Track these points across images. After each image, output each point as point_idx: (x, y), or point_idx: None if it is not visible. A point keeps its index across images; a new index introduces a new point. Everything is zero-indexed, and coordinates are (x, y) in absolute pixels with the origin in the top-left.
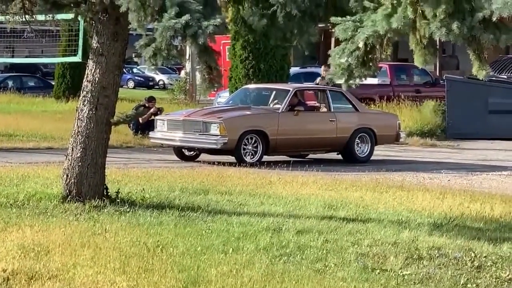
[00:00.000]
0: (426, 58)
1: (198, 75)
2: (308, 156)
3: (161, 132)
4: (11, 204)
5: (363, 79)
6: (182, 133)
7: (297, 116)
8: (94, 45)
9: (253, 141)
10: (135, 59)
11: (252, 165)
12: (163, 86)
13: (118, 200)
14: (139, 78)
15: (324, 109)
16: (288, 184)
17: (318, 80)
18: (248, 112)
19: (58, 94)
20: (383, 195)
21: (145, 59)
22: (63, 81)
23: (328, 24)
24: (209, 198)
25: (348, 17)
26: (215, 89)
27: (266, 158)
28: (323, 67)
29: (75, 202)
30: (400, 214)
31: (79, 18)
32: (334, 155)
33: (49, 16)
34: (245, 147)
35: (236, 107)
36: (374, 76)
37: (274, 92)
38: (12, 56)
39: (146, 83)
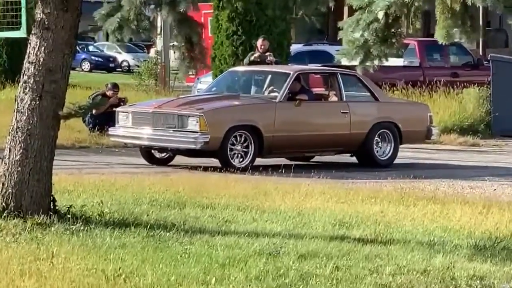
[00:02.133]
0: (449, 31)
1: (172, 55)
2: (314, 159)
3: (125, 128)
4: None
5: (384, 60)
6: (151, 129)
7: (299, 107)
8: (38, 16)
9: (242, 139)
10: (92, 34)
11: (242, 170)
12: (127, 68)
13: (69, 216)
14: (96, 59)
15: (334, 98)
16: (288, 195)
17: (254, 56)
18: (237, 102)
19: None
20: (410, 209)
21: (109, 33)
22: None
23: None
24: (186, 213)
25: None
26: (196, 71)
27: (259, 161)
28: (260, 40)
29: (13, 218)
30: (432, 233)
31: None
32: (347, 158)
33: None
34: (232, 147)
35: (221, 95)
36: (399, 56)
37: (269, 76)
38: None
39: (105, 64)
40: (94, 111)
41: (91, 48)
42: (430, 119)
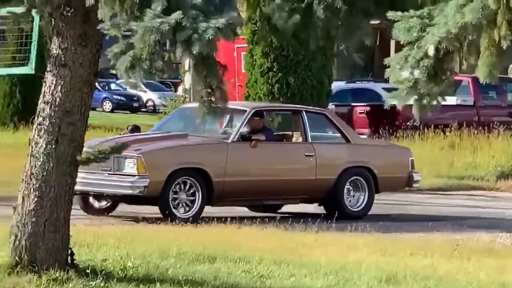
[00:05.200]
0: (492, 69)
1: None
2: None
3: None
4: None
5: (441, 99)
6: (84, 172)
7: (255, 148)
8: (54, 51)
9: (188, 185)
10: (114, 71)
11: (192, 221)
12: (152, 108)
13: (88, 271)
14: (119, 98)
15: (299, 139)
16: (329, 247)
17: None
18: (182, 142)
19: (4, 120)
20: (464, 263)
21: (121, 73)
22: (10, 102)
23: (385, 22)
24: (217, 268)
25: (411, 11)
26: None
27: (295, 209)
28: None
29: (27, 274)
30: None
31: (34, 13)
32: (391, 208)
33: None
34: (176, 194)
35: (167, 135)
36: (451, 94)
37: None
38: None
39: (129, 104)
40: None
41: (113, 86)
42: (411, 164)
